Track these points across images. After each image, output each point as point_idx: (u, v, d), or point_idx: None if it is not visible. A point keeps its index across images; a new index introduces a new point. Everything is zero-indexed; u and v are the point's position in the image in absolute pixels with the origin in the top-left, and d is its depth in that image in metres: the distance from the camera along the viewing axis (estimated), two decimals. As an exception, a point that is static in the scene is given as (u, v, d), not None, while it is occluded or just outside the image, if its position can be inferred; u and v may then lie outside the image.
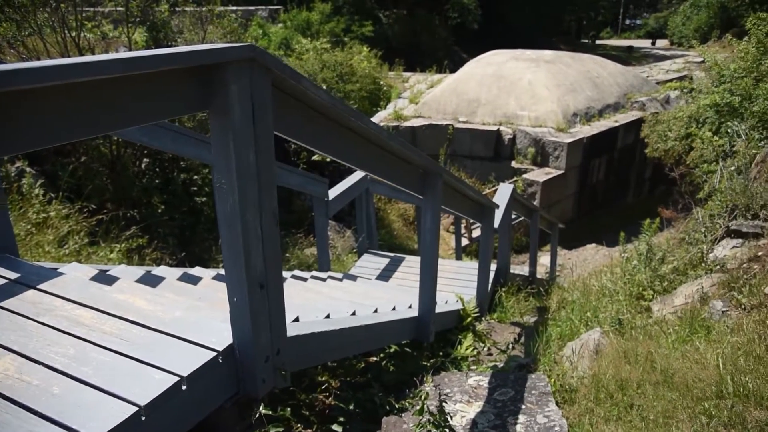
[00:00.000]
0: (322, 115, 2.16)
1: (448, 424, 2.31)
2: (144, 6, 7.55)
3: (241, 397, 1.84)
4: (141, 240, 5.31)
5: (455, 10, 27.59)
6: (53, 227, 4.53)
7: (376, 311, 3.22)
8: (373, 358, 3.14)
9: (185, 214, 7.08)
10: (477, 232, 11.30)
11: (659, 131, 11.94)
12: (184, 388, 1.59)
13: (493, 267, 5.67)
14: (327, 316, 2.61)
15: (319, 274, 4.57)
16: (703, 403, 2.44)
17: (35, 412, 1.42)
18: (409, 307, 3.65)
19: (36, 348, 1.71)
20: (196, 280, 2.91)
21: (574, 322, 4.46)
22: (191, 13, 9.50)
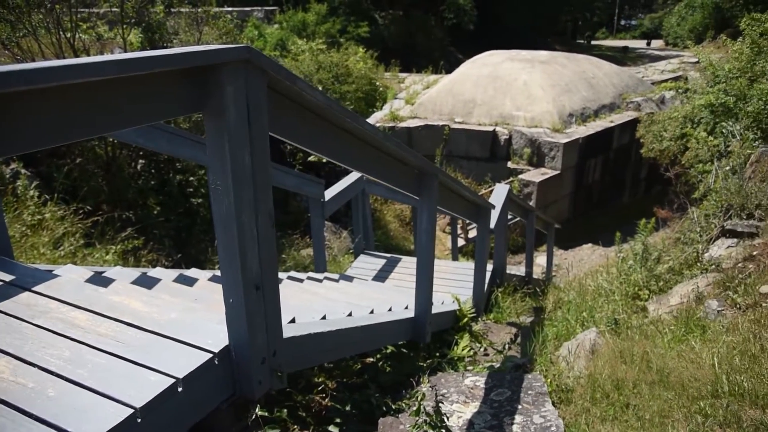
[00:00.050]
0: (318, 116, 2.16)
1: (444, 424, 2.31)
2: (139, 7, 7.53)
3: (237, 399, 1.84)
4: (137, 241, 5.29)
5: (451, 10, 27.64)
6: (48, 229, 4.52)
7: (372, 312, 3.22)
8: (370, 359, 3.14)
9: (181, 216, 7.07)
10: (473, 233, 11.31)
11: (654, 131, 11.97)
12: (180, 389, 1.58)
13: (490, 267, 5.67)
14: (323, 317, 2.61)
15: (315, 275, 4.57)
16: (699, 403, 2.45)
17: (30, 415, 1.42)
18: (406, 307, 3.65)
19: (31, 350, 1.70)
20: (192, 282, 2.90)
21: (570, 322, 4.47)
22: (187, 14, 9.48)
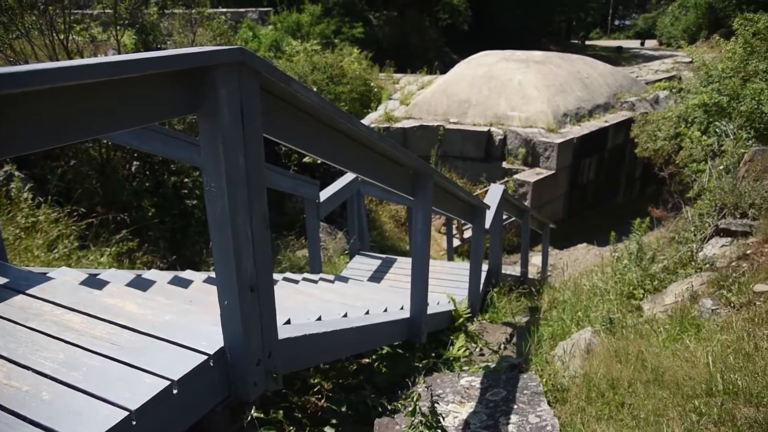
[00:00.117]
0: (312, 118, 2.16)
1: (440, 424, 2.31)
2: (133, 9, 7.52)
3: (232, 401, 1.84)
4: (131, 243, 5.28)
5: (445, 11, 27.66)
6: (42, 231, 4.51)
7: (367, 313, 3.22)
8: (366, 360, 3.14)
9: (176, 217, 7.05)
10: (468, 233, 11.32)
11: (649, 131, 12.02)
12: (175, 392, 1.58)
13: (485, 267, 5.68)
14: (319, 319, 2.61)
15: (310, 276, 4.56)
16: (694, 401, 2.46)
17: (24, 418, 1.41)
18: (401, 308, 3.65)
19: (25, 353, 1.69)
20: (187, 284, 2.89)
21: (566, 322, 4.48)
22: (180, 15, 9.47)
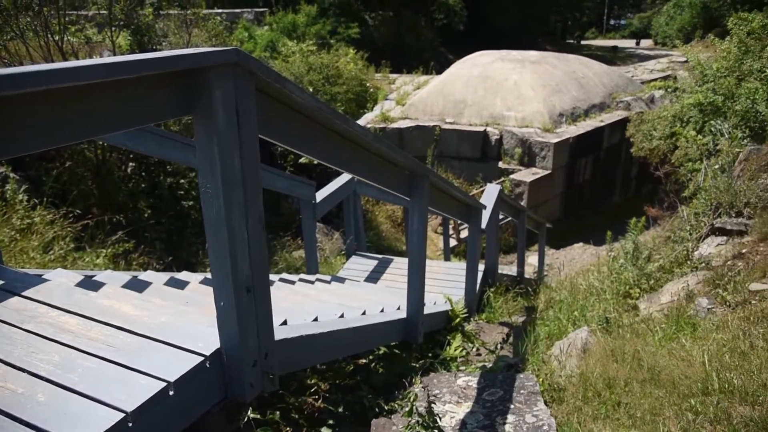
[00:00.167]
0: (308, 118, 2.15)
1: (437, 425, 2.32)
2: (128, 9, 7.50)
3: (229, 402, 1.83)
4: (127, 245, 5.26)
5: (441, 11, 27.68)
6: (38, 233, 4.49)
7: (364, 313, 3.22)
8: (362, 360, 3.14)
9: (172, 219, 7.03)
10: (465, 233, 11.33)
11: (644, 130, 12.04)
12: (172, 393, 1.58)
13: (481, 267, 5.68)
14: (315, 319, 2.61)
15: (307, 277, 4.56)
16: (690, 400, 2.46)
17: (20, 421, 1.41)
18: (398, 308, 3.65)
19: (20, 355, 1.69)
20: (183, 285, 2.89)
21: (562, 322, 4.48)
22: (176, 16, 9.44)
